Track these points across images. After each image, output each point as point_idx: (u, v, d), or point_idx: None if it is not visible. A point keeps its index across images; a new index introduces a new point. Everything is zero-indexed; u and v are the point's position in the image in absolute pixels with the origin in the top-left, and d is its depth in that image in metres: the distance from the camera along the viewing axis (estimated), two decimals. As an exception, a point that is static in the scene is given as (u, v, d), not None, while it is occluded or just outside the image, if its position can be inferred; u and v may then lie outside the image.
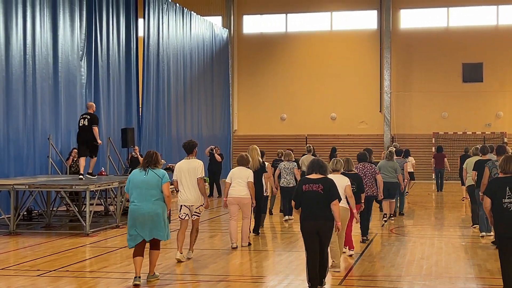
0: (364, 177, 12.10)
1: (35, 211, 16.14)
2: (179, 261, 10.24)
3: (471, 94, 30.92)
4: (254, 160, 12.58)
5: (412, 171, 20.81)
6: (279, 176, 15.63)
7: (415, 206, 19.23)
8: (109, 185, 14.70)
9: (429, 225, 15.46)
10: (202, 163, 10.58)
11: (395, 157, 15.67)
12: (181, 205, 10.50)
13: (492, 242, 11.88)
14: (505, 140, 29.30)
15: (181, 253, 10.37)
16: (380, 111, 31.88)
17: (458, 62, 31.09)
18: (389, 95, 31.54)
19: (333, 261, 9.45)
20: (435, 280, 9.18)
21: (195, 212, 10.50)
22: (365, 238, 12.22)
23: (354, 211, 9.94)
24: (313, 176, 8.33)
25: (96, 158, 15.53)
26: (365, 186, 11.71)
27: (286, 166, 15.66)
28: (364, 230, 12.31)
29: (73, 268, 9.99)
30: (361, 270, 9.82)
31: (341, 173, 10.10)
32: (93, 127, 14.94)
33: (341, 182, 9.59)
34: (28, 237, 13.14)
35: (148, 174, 8.79)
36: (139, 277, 8.67)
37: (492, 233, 12.70)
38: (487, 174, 11.44)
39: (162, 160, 23.84)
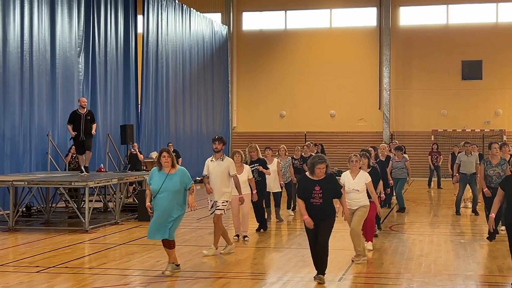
0: None
1: (34, 208, 16.13)
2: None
3: (470, 92, 30.92)
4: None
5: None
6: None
7: (414, 203, 19.22)
8: (108, 182, 14.68)
9: (428, 222, 15.45)
10: (232, 160, 11.02)
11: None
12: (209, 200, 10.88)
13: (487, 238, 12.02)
14: (504, 138, 29.31)
15: (215, 248, 10.72)
16: (379, 109, 31.87)
17: (457, 59, 31.09)
18: (388, 92, 31.53)
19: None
20: (434, 277, 9.17)
21: (217, 207, 10.71)
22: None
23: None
24: None
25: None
26: None
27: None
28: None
29: (72, 264, 9.97)
30: (360, 267, 9.81)
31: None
32: None
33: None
34: (27, 234, 13.13)
35: None
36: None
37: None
38: (482, 170, 11.96)
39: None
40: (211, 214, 10.81)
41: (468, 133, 30.38)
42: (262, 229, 13.37)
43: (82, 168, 15.53)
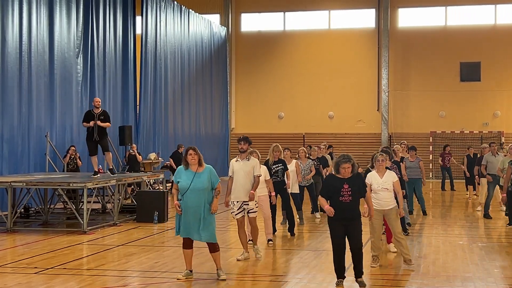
0: None
1: (32, 209, 16.11)
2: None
3: (468, 93, 30.96)
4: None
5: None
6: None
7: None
8: (107, 183, 14.67)
9: (427, 224, 15.45)
10: (257, 161, 10.65)
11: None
12: (233, 202, 10.48)
13: None
14: (503, 139, 29.34)
15: (247, 252, 10.51)
16: (377, 110, 31.89)
17: (455, 61, 31.13)
18: (386, 94, 31.54)
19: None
20: (432, 279, 9.17)
21: (250, 210, 10.47)
22: None
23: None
24: None
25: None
26: None
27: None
28: None
29: (70, 265, 9.96)
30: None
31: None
32: None
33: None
34: (25, 235, 13.11)
35: None
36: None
37: None
38: (509, 172, 12.57)
39: (160, 158, 23.86)
40: (235, 215, 10.44)
41: (467, 135, 30.42)
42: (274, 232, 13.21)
43: (96, 170, 15.52)
